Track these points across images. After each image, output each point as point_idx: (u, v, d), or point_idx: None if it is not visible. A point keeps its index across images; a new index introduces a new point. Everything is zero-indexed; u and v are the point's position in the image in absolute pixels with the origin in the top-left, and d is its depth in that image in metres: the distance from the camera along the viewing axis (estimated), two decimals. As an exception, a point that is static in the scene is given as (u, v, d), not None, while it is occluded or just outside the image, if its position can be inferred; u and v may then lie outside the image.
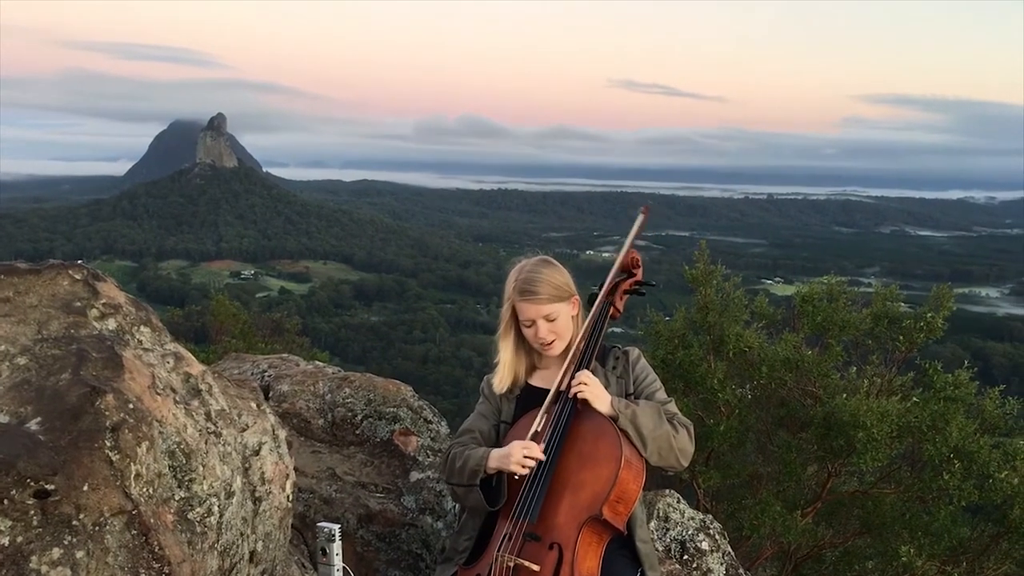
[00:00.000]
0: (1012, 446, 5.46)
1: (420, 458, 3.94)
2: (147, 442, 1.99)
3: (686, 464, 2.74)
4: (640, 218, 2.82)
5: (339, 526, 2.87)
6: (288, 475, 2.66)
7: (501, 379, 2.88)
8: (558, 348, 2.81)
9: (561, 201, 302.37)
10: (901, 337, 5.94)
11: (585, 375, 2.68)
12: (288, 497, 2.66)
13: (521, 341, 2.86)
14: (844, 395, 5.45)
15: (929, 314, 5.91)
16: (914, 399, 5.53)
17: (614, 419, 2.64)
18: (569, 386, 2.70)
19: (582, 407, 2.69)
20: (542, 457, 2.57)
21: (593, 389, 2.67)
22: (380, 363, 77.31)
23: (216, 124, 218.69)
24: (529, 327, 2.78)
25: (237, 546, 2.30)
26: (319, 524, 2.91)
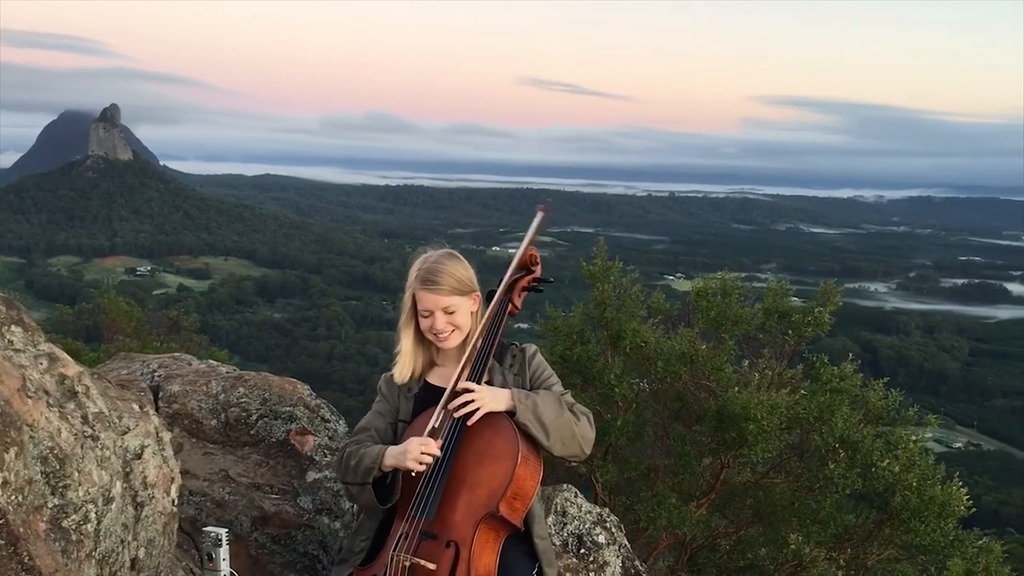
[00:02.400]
0: (894, 435, 5.70)
1: (317, 458, 3.89)
2: (16, 447, 1.91)
3: (588, 451, 2.76)
4: (539, 216, 2.84)
5: (226, 530, 2.81)
6: (173, 479, 2.59)
7: (402, 369, 2.85)
8: (454, 341, 2.80)
9: (467, 197, 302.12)
10: (791, 331, 6.14)
11: (472, 391, 2.65)
12: (173, 501, 2.59)
13: (422, 332, 2.84)
14: (736, 388, 5.60)
15: (817, 309, 6.13)
16: (802, 391, 5.72)
17: (513, 413, 2.64)
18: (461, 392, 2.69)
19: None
20: (439, 453, 2.57)
21: (486, 403, 2.64)
22: (284, 361, 76.06)
23: (109, 115, 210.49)
24: (427, 317, 2.76)
25: (117, 554, 2.23)
26: (205, 528, 2.83)
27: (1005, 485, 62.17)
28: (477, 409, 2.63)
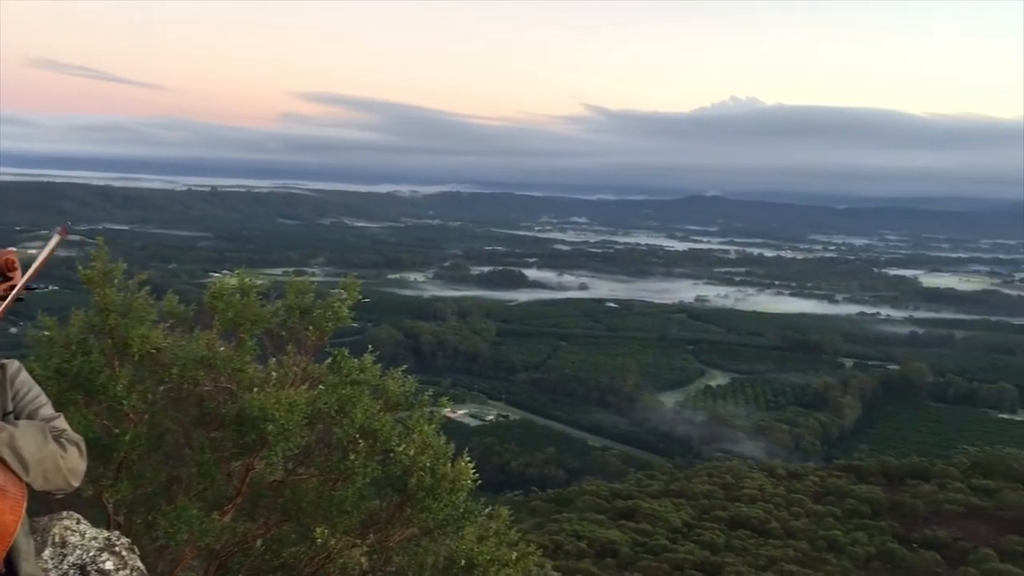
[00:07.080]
0: (412, 420, 6.02)
1: None
2: None
3: (77, 484, 2.48)
4: (55, 238, 2.54)
5: None
6: None
7: None
8: None
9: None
10: (311, 327, 6.18)
11: None
12: None
13: None
14: (256, 390, 5.49)
15: (336, 303, 6.24)
16: (322, 386, 5.78)
17: None
18: None
19: None
20: None
21: None
22: None
23: None
24: None
25: None
26: None
27: (528, 449, 70.12)
28: None
